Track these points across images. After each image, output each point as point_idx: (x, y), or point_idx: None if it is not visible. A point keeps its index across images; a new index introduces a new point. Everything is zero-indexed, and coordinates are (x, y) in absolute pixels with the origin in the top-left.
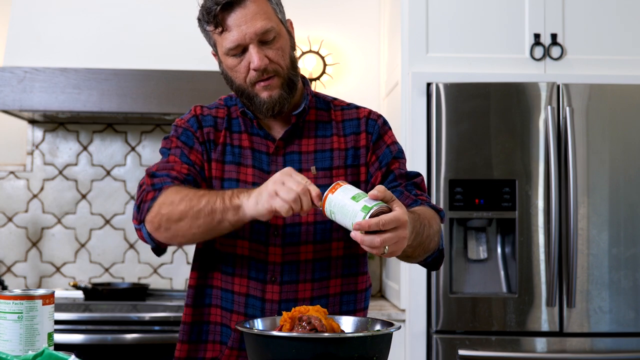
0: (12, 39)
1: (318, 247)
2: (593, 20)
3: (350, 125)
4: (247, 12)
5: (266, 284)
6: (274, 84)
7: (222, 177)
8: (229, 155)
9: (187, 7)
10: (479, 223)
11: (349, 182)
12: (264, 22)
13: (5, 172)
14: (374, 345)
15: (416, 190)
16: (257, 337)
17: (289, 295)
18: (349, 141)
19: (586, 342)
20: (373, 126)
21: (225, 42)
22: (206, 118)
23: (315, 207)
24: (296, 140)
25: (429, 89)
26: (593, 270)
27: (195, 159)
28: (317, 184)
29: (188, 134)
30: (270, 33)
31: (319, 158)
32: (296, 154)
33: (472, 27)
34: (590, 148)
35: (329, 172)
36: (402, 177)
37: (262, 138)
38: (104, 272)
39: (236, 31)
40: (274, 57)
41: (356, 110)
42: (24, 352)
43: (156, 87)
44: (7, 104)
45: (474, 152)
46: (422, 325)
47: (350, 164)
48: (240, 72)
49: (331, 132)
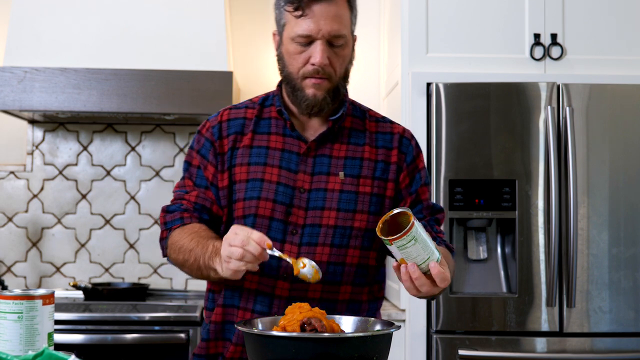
0: (12, 39)
1: (334, 250)
2: (593, 20)
3: (383, 138)
4: (332, 9)
5: (278, 280)
6: (324, 85)
7: (247, 179)
8: (254, 157)
9: (187, 7)
10: (479, 223)
11: (374, 194)
12: (341, 26)
13: (5, 172)
14: (374, 345)
15: (437, 227)
16: (257, 337)
17: (299, 293)
18: (380, 153)
19: (586, 342)
20: (407, 146)
21: (298, 27)
22: (232, 123)
23: (265, 252)
24: (328, 144)
25: (429, 89)
26: (593, 270)
27: (209, 175)
28: (343, 190)
29: (207, 147)
30: (341, 39)
31: (349, 165)
32: (326, 157)
33: (472, 27)
34: (590, 148)
35: (356, 179)
36: (428, 209)
37: (295, 139)
38: (104, 272)
39: (314, 22)
40: (334, 61)
41: (390, 125)
42: (24, 352)
43: (156, 87)
44: (7, 104)
45: (474, 152)
46: (422, 325)
47: (378, 176)
48: (297, 61)
49: (364, 141)
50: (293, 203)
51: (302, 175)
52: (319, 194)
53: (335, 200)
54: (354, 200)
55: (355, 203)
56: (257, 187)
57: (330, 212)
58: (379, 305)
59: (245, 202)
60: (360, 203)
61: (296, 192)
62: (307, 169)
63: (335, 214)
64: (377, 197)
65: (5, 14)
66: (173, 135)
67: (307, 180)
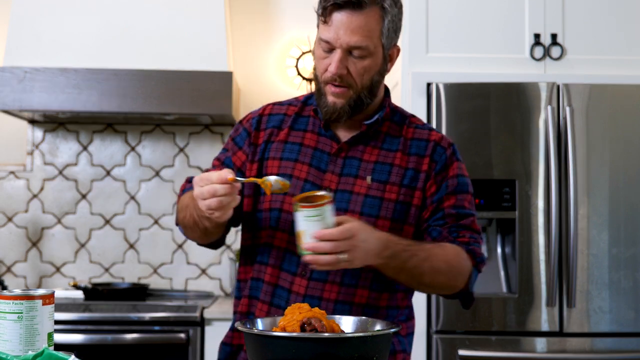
0: (12, 39)
1: None
2: (593, 20)
3: (418, 145)
4: (353, 20)
5: (295, 277)
6: (344, 94)
7: (277, 173)
8: (287, 152)
9: (187, 7)
10: (479, 223)
11: (399, 201)
12: (361, 38)
13: (5, 172)
14: (374, 345)
15: (460, 232)
16: (257, 337)
17: (315, 292)
18: (411, 161)
19: (586, 342)
20: (440, 155)
21: (322, 32)
22: (272, 118)
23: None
24: (360, 147)
25: (429, 89)
26: (593, 270)
27: (236, 160)
28: (368, 194)
29: (242, 135)
30: (362, 51)
31: (377, 169)
32: (356, 159)
33: (472, 27)
34: (590, 148)
35: (382, 185)
36: (451, 216)
37: (328, 138)
38: (104, 272)
39: (333, 31)
40: (354, 71)
41: (428, 132)
42: (24, 352)
43: (156, 87)
44: (7, 104)
45: (474, 152)
46: (422, 325)
47: (406, 184)
48: (321, 66)
49: (397, 148)
50: None
51: (330, 175)
52: (344, 196)
53: (359, 204)
54: (377, 206)
55: (379, 209)
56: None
57: (353, 215)
58: (405, 316)
59: (272, 196)
60: (384, 209)
61: None
62: (336, 170)
63: (357, 218)
64: (402, 205)
65: (5, 14)
66: (173, 135)
67: (335, 181)
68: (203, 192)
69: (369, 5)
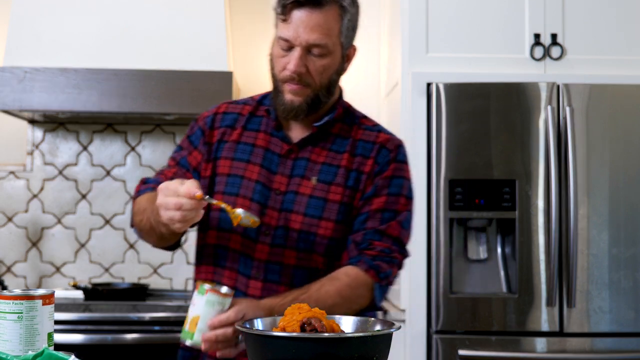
0: (12, 39)
1: (301, 254)
2: (593, 20)
3: (364, 147)
4: (313, 18)
5: (250, 280)
6: (302, 92)
7: (228, 173)
8: (239, 153)
9: (187, 7)
10: (479, 223)
11: (343, 202)
12: (321, 36)
13: (5, 172)
14: (374, 345)
15: (374, 242)
16: (257, 337)
17: (270, 294)
18: (355, 162)
19: (586, 342)
20: (385, 157)
21: (280, 30)
22: (226, 117)
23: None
24: (309, 148)
25: (429, 89)
26: (593, 270)
27: (192, 160)
28: (312, 195)
29: (197, 134)
30: (321, 49)
31: (324, 170)
32: (304, 160)
33: (472, 27)
34: (590, 148)
35: (327, 186)
36: (374, 220)
37: (279, 139)
38: (104, 272)
39: (293, 29)
40: (312, 70)
41: (376, 134)
42: (24, 352)
43: (156, 87)
44: (7, 104)
45: (474, 152)
46: (422, 325)
47: (350, 185)
48: (279, 65)
49: (345, 149)
50: (267, 204)
51: (280, 177)
52: (290, 197)
53: (303, 205)
54: (321, 207)
55: (323, 210)
56: (237, 183)
57: (297, 216)
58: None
59: (224, 197)
60: (328, 211)
61: (272, 194)
62: (286, 171)
63: (301, 219)
64: (345, 207)
65: (5, 14)
66: (173, 135)
67: (284, 183)
68: (168, 203)
69: (329, 3)
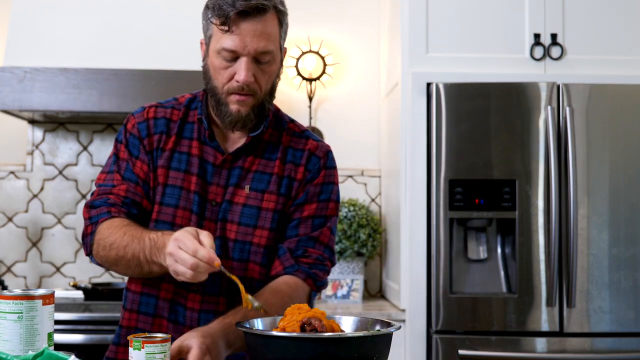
0: (12, 39)
1: (236, 264)
2: (593, 20)
3: (293, 154)
4: (258, 27)
5: (189, 293)
6: (248, 102)
7: (165, 183)
8: (175, 162)
9: (187, 7)
10: (479, 223)
11: (277, 210)
12: (268, 43)
13: (5, 172)
14: (374, 345)
15: (309, 249)
16: (257, 337)
17: (209, 306)
18: (286, 169)
19: (586, 342)
20: (315, 164)
21: (224, 41)
22: (158, 122)
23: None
24: (243, 156)
25: (429, 89)
26: (593, 270)
27: (139, 171)
28: (246, 204)
29: (134, 143)
30: (268, 56)
31: (256, 178)
32: (238, 169)
33: (472, 27)
34: (590, 148)
35: (260, 194)
36: (306, 226)
37: (213, 149)
38: (104, 272)
39: (239, 39)
40: (259, 78)
41: (305, 141)
42: (24, 352)
43: (156, 87)
44: (7, 104)
45: (474, 152)
46: (422, 325)
47: (283, 192)
48: (222, 76)
49: (276, 156)
50: (205, 215)
51: (215, 187)
52: (226, 206)
53: (237, 214)
54: (255, 216)
55: (257, 218)
56: (176, 194)
57: (232, 226)
58: None
59: (162, 207)
60: (262, 219)
61: (208, 205)
62: (221, 181)
63: (236, 228)
64: (280, 214)
65: (5, 14)
66: None
67: (220, 193)
68: (184, 259)
69: (269, 10)
